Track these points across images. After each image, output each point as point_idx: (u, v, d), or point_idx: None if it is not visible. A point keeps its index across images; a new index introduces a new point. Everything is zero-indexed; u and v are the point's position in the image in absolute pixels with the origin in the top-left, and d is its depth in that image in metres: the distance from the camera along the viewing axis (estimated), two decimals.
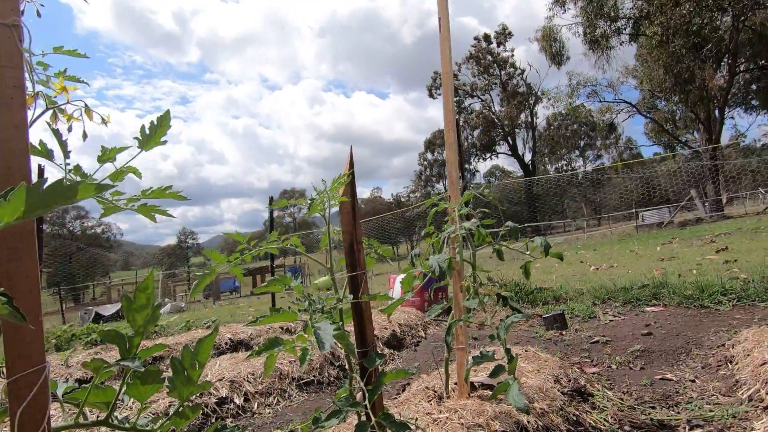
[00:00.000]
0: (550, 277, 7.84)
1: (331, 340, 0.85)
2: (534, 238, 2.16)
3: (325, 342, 0.83)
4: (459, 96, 51.20)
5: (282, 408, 2.54)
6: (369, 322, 1.32)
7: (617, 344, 3.36)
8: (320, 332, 0.85)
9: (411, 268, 2.11)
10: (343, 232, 1.30)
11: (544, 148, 55.15)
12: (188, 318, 10.33)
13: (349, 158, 1.32)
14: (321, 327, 0.87)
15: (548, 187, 33.88)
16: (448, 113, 2.18)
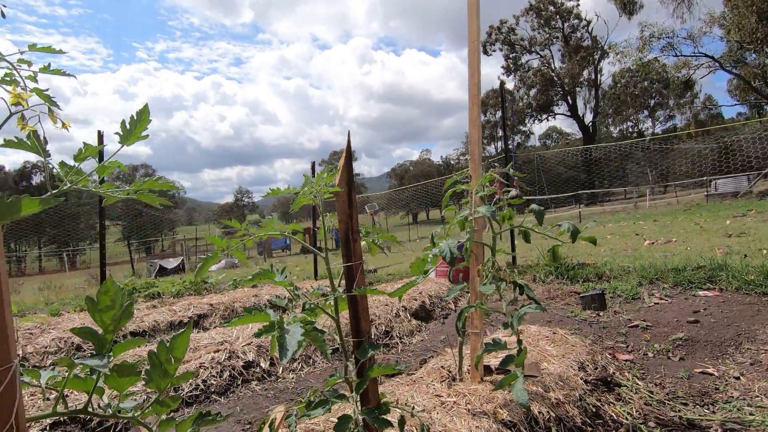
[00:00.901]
0: (598, 251, 7.45)
1: (296, 346, 0.84)
2: (562, 222, 2.02)
3: (288, 349, 0.83)
4: (516, 52, 48.04)
5: (305, 374, 2.66)
6: (364, 312, 1.30)
7: (658, 330, 3.16)
8: (286, 336, 0.84)
9: (429, 249, 2.06)
10: (339, 221, 1.26)
11: (607, 108, 51.01)
12: (240, 274, 11.00)
13: (346, 145, 1.27)
14: (289, 331, 0.87)
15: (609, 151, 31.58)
16: (473, 87, 2.03)
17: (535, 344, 2.66)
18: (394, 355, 3.10)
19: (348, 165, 1.26)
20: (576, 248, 8.29)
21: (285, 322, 0.91)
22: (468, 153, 7.01)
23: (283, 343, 0.83)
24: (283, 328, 0.87)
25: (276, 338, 0.83)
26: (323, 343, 0.92)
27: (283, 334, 0.85)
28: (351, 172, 1.27)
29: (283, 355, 0.82)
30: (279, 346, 0.82)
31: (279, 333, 0.85)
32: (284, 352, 0.82)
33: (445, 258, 1.71)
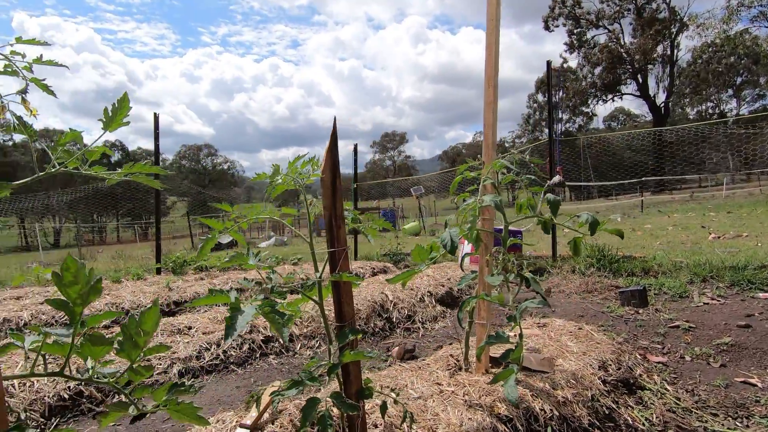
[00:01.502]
0: (653, 243, 6.94)
1: (243, 327, 0.86)
2: (581, 214, 1.89)
3: (236, 329, 0.85)
4: (581, 27, 44.81)
5: (322, 352, 2.75)
6: (347, 297, 1.31)
7: (701, 333, 2.91)
8: (237, 317, 0.87)
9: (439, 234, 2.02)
10: (324, 207, 1.27)
11: (684, 87, 46.50)
12: (289, 252, 11.45)
13: (332, 131, 1.26)
14: (243, 311, 0.89)
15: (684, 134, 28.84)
16: (489, 67, 1.92)
17: (556, 339, 2.55)
18: (414, 340, 3.11)
19: (332, 151, 1.25)
20: (626, 240, 7.77)
21: (243, 303, 0.94)
22: (524, 135, 6.67)
23: (232, 324, 0.86)
24: (237, 309, 0.89)
25: (226, 318, 0.86)
26: (280, 325, 0.94)
27: (235, 315, 0.88)
28: (336, 159, 1.26)
29: (227, 335, 0.85)
30: (227, 326, 0.85)
31: (230, 313, 0.88)
32: (229, 331, 0.85)
33: (446, 247, 1.67)
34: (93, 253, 18.28)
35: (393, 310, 3.37)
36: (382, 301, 3.40)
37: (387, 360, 2.71)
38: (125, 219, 50.76)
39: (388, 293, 3.51)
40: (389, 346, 2.95)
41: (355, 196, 8.45)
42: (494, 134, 1.92)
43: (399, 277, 1.73)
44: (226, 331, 0.85)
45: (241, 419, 1.46)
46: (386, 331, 3.21)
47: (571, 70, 47.69)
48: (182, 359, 2.27)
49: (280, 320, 0.93)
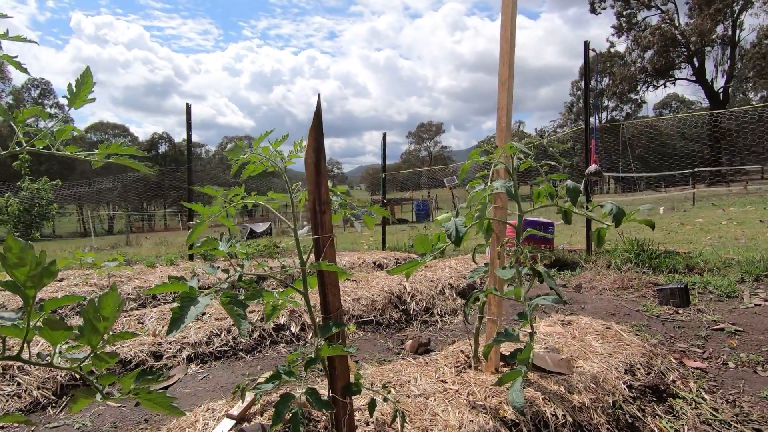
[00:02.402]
0: (703, 238, 6.43)
1: (184, 323, 0.79)
2: (604, 203, 1.72)
3: (184, 321, 0.79)
4: (631, 8, 42.18)
5: None
6: (333, 288, 1.23)
7: (749, 337, 2.63)
8: (189, 308, 0.80)
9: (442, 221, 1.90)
10: (308, 191, 1.19)
11: (746, 71, 42.84)
12: None
13: (315, 107, 1.17)
14: (198, 302, 0.82)
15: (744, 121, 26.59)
16: (504, 43, 1.77)
17: (580, 338, 2.38)
18: (430, 333, 3.01)
19: (316, 130, 1.17)
20: (673, 234, 7.25)
21: (200, 293, 0.87)
22: (566, 124, 6.35)
23: (181, 315, 0.80)
24: (192, 299, 0.83)
25: (173, 309, 0.80)
26: (238, 318, 0.87)
27: (186, 306, 0.82)
28: (320, 139, 1.18)
29: (172, 328, 0.79)
30: (172, 318, 0.79)
31: (180, 303, 0.82)
32: (175, 323, 0.79)
33: (450, 237, 1.55)
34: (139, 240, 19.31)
35: (411, 301, 3.28)
36: (399, 292, 3.31)
37: (400, 353, 2.63)
38: (172, 207, 53.28)
39: (407, 284, 3.42)
40: (404, 339, 2.86)
41: (383, 186, 8.37)
42: (509, 115, 1.77)
43: (401, 268, 1.63)
44: (170, 324, 0.78)
45: (231, 408, 1.43)
46: (402, 323, 3.12)
47: (618, 54, 45.11)
48: (192, 344, 2.29)
49: (239, 312, 0.86)
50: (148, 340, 2.27)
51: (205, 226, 1.38)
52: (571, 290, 3.86)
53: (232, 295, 0.90)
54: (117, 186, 25.77)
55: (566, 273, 4.53)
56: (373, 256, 5.70)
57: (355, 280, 3.62)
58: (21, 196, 8.86)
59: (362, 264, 5.04)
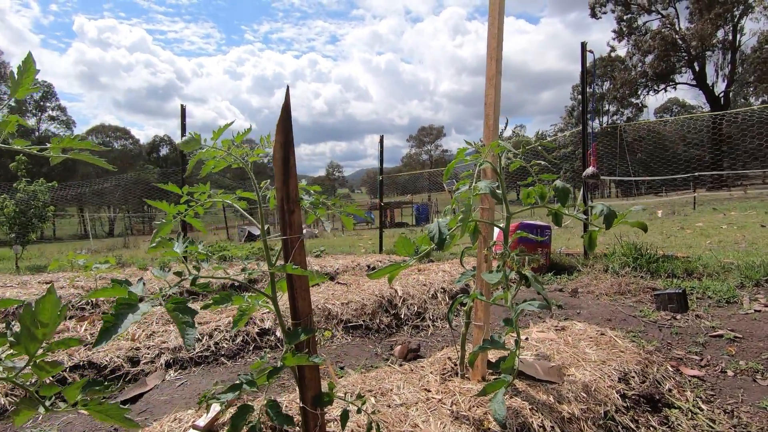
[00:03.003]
0: (703, 242, 6.34)
1: (117, 332, 0.72)
2: (595, 204, 1.65)
3: (116, 331, 0.71)
4: (631, 13, 42.22)
5: (319, 348, 2.63)
6: (303, 292, 1.16)
7: (749, 344, 2.55)
8: (127, 315, 0.73)
9: None
10: (276, 188, 1.12)
11: (747, 75, 42.81)
12: (319, 244, 11.49)
13: (284, 101, 1.10)
14: (138, 308, 0.75)
15: (746, 126, 26.48)
16: (492, 39, 1.70)
17: (573, 345, 2.30)
18: (421, 339, 2.93)
19: (284, 124, 1.10)
20: (672, 238, 7.16)
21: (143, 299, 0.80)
22: (566, 128, 6.27)
23: (114, 324, 0.73)
24: (131, 305, 0.76)
25: (104, 317, 0.73)
26: (184, 326, 0.80)
27: (122, 313, 0.75)
28: (289, 133, 1.11)
29: (101, 339, 0.71)
30: (102, 328, 0.71)
31: (115, 311, 0.74)
32: (105, 334, 0.71)
33: (433, 239, 1.48)
34: (138, 242, 19.26)
35: (402, 306, 3.20)
36: (390, 296, 3.24)
37: (389, 359, 2.55)
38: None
39: (398, 288, 3.35)
40: (393, 345, 2.79)
41: (380, 189, 8.31)
42: (496, 112, 1.70)
43: (381, 272, 1.56)
44: (100, 335, 0.71)
45: (198, 419, 1.35)
46: (393, 328, 3.04)
47: (619, 59, 45.11)
48: (171, 349, 2.21)
49: (185, 319, 0.79)
50: (125, 344, 2.20)
51: (171, 226, 1.31)
52: (567, 294, 3.78)
53: (180, 300, 0.83)
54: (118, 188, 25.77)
55: (563, 277, 4.45)
56: (368, 260, 5.62)
57: (345, 283, 3.55)
58: (17, 197, 8.80)
59: (356, 267, 4.97)
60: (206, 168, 1.10)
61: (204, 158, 1.04)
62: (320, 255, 7.05)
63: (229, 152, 1.03)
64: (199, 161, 1.16)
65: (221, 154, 1.04)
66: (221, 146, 1.03)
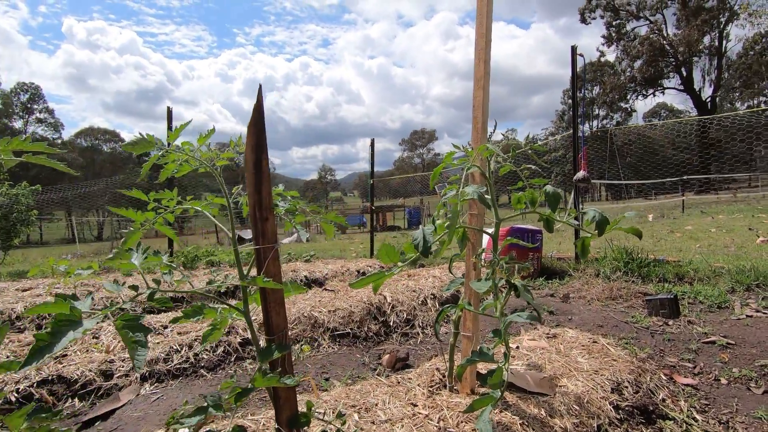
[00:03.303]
0: (693, 246, 6.36)
1: (52, 351, 0.64)
2: (587, 210, 1.59)
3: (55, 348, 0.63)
4: (620, 18, 42.81)
5: (305, 357, 2.54)
6: (277, 306, 1.08)
7: (742, 351, 2.51)
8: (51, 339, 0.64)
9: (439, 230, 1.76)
10: (248, 194, 1.05)
11: (733, 81, 43.59)
12: (310, 248, 11.36)
13: (256, 102, 1.03)
14: (81, 325, 0.67)
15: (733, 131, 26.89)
16: (480, 38, 1.65)
17: (565, 354, 2.24)
18: (411, 347, 2.86)
19: (257, 126, 1.02)
20: (662, 242, 7.18)
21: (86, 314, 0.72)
22: (557, 132, 6.23)
23: (49, 343, 0.65)
24: (72, 323, 0.68)
25: (37, 336, 0.65)
26: (135, 346, 0.72)
27: (60, 331, 0.66)
28: (261, 135, 1.04)
29: (30, 359, 0.63)
30: (32, 348, 0.63)
31: (52, 328, 0.66)
32: (36, 354, 0.63)
33: (418, 247, 1.41)
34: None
35: (391, 313, 3.13)
36: (379, 303, 3.16)
37: (377, 368, 2.47)
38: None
39: (387, 294, 3.27)
40: (381, 353, 2.71)
41: (371, 192, 8.23)
42: (485, 115, 1.64)
43: (365, 280, 1.48)
44: (30, 355, 0.62)
45: None
46: (381, 335, 2.97)
47: (608, 64, 45.69)
48: (148, 362, 2.11)
49: (136, 338, 0.71)
50: (98, 357, 2.09)
51: (140, 234, 1.22)
52: (559, 300, 3.73)
53: (131, 317, 0.75)
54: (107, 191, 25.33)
55: (554, 282, 4.41)
56: (358, 264, 5.54)
57: (333, 290, 3.47)
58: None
59: (345, 272, 4.89)
60: (165, 173, 1.02)
61: (164, 162, 0.96)
62: (310, 260, 6.96)
63: (194, 155, 0.95)
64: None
65: (183, 158, 0.96)
66: (183, 149, 0.95)
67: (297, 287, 1.16)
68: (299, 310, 2.87)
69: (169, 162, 0.99)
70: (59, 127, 67.02)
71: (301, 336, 2.67)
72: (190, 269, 6.07)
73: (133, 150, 0.92)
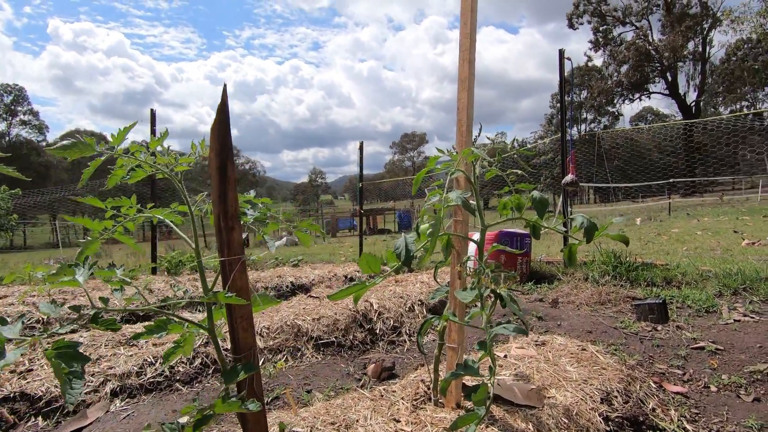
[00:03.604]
0: (679, 249, 6.39)
1: None
2: (575, 216, 1.54)
3: None
4: (607, 24, 43.44)
5: (287, 368, 2.45)
6: (245, 322, 1.01)
7: (731, 357, 2.49)
8: None
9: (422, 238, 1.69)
10: (212, 202, 0.97)
11: (716, 86, 44.48)
12: (299, 252, 11.23)
13: (220, 102, 0.96)
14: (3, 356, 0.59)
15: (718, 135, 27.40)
16: (465, 38, 1.59)
17: (554, 362, 2.19)
18: (398, 355, 2.78)
19: (222, 128, 0.95)
20: (650, 245, 7.22)
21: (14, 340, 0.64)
22: (546, 135, 6.20)
23: None
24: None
25: None
26: (67, 378, 0.64)
27: None
28: (226, 138, 0.96)
29: None
30: None
31: None
32: None
33: (400, 257, 1.35)
34: (111, 250, 18.58)
35: (377, 320, 3.05)
36: (365, 310, 3.08)
37: (361, 379, 2.39)
38: None
39: (373, 301, 3.20)
40: (367, 363, 2.63)
41: (359, 195, 8.16)
42: (470, 117, 1.59)
43: (344, 292, 1.41)
44: None
45: None
46: (367, 344, 2.89)
47: (596, 68, 46.29)
48: (119, 376, 2.01)
49: (70, 369, 0.63)
50: None
51: (98, 245, 1.14)
52: (548, 305, 3.69)
53: (66, 344, 0.66)
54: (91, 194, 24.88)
55: (543, 286, 4.37)
56: (346, 269, 5.45)
57: (318, 296, 3.38)
58: None
59: (333, 278, 4.80)
60: (112, 180, 0.94)
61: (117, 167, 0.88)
62: (298, 264, 6.84)
63: (147, 161, 0.87)
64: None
65: (133, 163, 0.88)
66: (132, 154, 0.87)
67: (268, 300, 1.09)
68: (282, 318, 2.78)
69: (117, 168, 0.91)
70: (44, 129, 65.90)
71: (284, 346, 2.58)
72: (174, 275, 5.93)
73: (66, 155, 0.84)
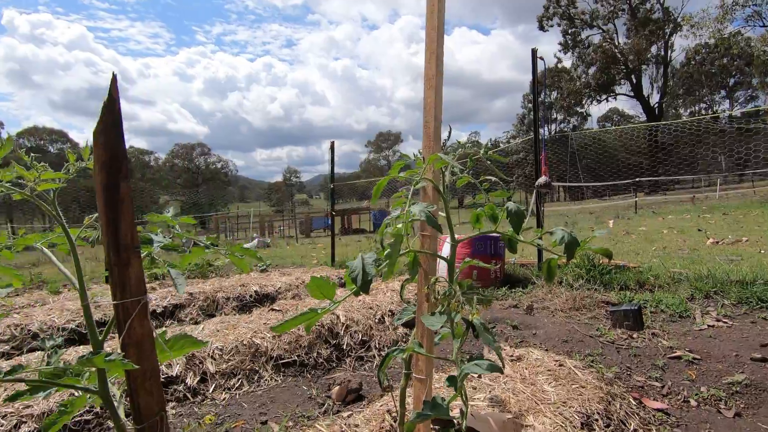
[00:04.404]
0: (649, 249, 6.46)
1: None
2: (554, 230, 1.38)
3: None
4: (575, 27, 44.55)
5: (242, 394, 2.22)
6: (148, 382, 0.78)
7: (709, 366, 2.41)
8: None
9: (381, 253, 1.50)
10: (101, 232, 0.74)
11: (677, 88, 46.36)
12: (269, 255, 10.85)
13: (106, 98, 0.73)
14: None
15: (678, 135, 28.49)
16: (431, 32, 1.41)
17: (531, 381, 2.04)
18: (366, 373, 2.59)
19: (108, 134, 0.72)
20: (620, 245, 7.30)
21: None
22: (518, 135, 6.04)
23: None
24: None
25: None
26: None
27: None
28: (118, 146, 0.74)
29: None
30: None
31: None
32: None
33: (356, 281, 1.15)
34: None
35: (344, 334, 2.85)
36: (331, 323, 2.87)
37: (324, 403, 2.18)
38: None
39: (340, 313, 2.99)
40: (331, 384, 2.42)
41: (331, 197, 7.92)
42: (438, 119, 1.40)
43: (291, 323, 1.20)
44: None
45: None
46: (333, 361, 2.68)
47: (565, 70, 47.41)
48: (38, 416, 1.73)
49: None
50: None
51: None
52: (523, 312, 3.58)
53: None
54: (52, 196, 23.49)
55: (518, 291, 4.27)
56: (316, 275, 5.21)
57: (280, 309, 3.15)
58: None
59: (301, 285, 4.55)
60: None
61: None
62: (266, 269, 6.54)
63: None
64: None
65: None
66: None
67: (184, 347, 0.87)
68: (238, 336, 2.54)
69: None
70: None
71: (239, 368, 2.34)
72: None
73: None
